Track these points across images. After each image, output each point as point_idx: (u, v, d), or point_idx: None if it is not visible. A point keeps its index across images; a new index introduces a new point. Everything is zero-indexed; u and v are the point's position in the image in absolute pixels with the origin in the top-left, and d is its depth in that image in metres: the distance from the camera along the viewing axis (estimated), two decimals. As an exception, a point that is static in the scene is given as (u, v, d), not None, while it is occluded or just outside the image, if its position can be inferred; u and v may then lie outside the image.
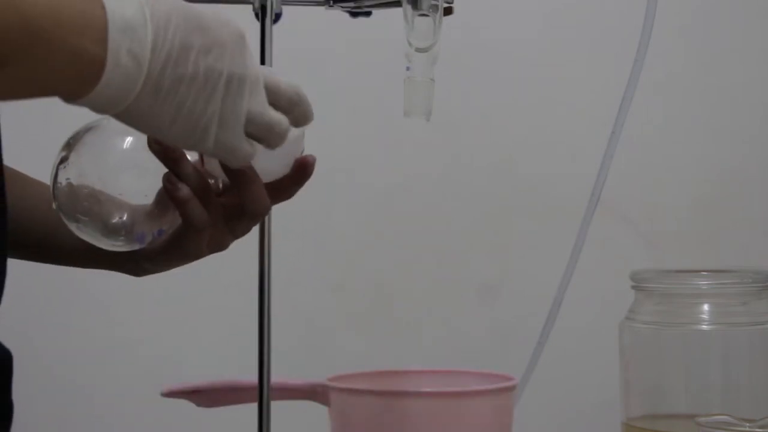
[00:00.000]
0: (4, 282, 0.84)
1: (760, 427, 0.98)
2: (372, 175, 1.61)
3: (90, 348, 1.55)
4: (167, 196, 0.80)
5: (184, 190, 0.79)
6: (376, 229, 1.61)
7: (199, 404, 1.08)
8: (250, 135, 0.72)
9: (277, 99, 0.73)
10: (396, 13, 0.94)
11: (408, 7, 0.92)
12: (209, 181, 0.81)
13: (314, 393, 1.07)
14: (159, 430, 1.53)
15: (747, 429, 0.99)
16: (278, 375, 0.97)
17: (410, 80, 0.92)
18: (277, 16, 0.95)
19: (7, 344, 0.90)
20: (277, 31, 0.95)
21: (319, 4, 1.00)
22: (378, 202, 1.61)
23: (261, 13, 0.94)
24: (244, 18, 0.95)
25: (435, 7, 0.92)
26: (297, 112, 0.75)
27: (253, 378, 0.94)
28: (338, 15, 1.01)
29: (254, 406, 0.94)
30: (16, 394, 0.90)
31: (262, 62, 0.94)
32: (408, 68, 0.93)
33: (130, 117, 0.67)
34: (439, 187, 1.62)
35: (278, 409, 0.96)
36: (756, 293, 1.17)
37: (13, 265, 0.87)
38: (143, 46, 0.65)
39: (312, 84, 1.58)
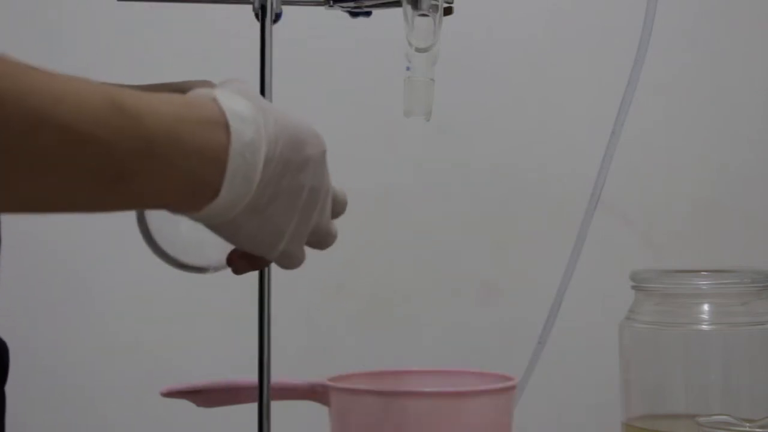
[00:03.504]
0: None
1: (760, 427, 0.98)
2: (372, 174, 1.61)
3: (90, 348, 1.55)
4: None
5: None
6: (376, 228, 1.61)
7: (199, 404, 1.08)
8: (308, 242, 0.75)
9: (333, 206, 0.76)
10: (396, 13, 0.94)
11: (408, 7, 0.92)
12: None
13: (314, 393, 1.07)
14: (159, 430, 1.53)
15: (747, 429, 0.99)
16: (278, 375, 0.97)
17: (410, 80, 0.92)
18: (277, 16, 0.95)
19: (7, 343, 0.90)
20: (277, 31, 0.95)
21: (319, 4, 1.00)
22: (378, 202, 1.61)
23: (261, 13, 0.94)
24: (244, 18, 0.96)
25: (435, 7, 0.92)
26: (340, 212, 0.79)
27: (253, 378, 0.94)
28: (338, 15, 1.01)
29: (254, 406, 0.94)
30: (17, 393, 0.90)
31: (262, 62, 0.94)
32: (408, 68, 0.93)
33: (219, 227, 0.67)
34: (439, 187, 1.62)
35: (278, 409, 0.96)
36: (756, 293, 1.17)
37: (15, 264, 0.87)
38: (256, 169, 0.64)
39: (312, 84, 1.59)
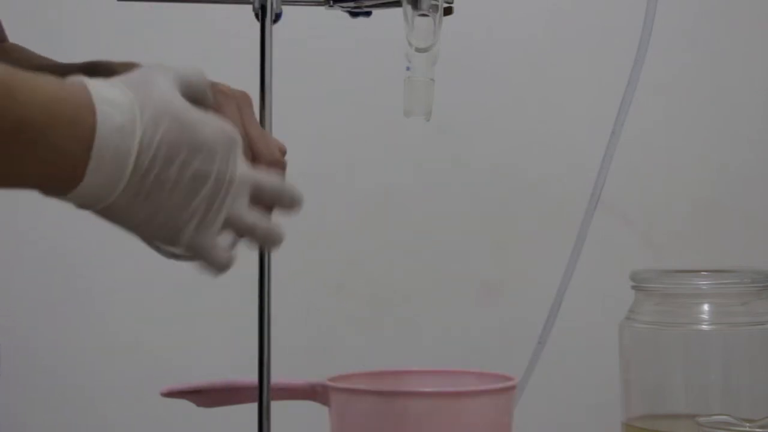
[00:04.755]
0: None
1: (760, 427, 0.98)
2: (372, 175, 1.61)
3: (90, 348, 1.55)
4: None
5: None
6: (376, 229, 1.61)
7: (199, 404, 1.08)
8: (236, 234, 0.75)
9: (260, 196, 0.75)
10: (396, 13, 0.94)
11: (408, 7, 0.92)
12: None
13: (314, 393, 1.07)
14: (159, 430, 1.53)
15: (747, 429, 0.99)
16: (278, 375, 0.97)
17: (410, 80, 0.92)
18: (277, 16, 0.95)
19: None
20: (277, 31, 0.95)
21: (319, 4, 1.00)
22: (378, 202, 1.61)
23: (261, 13, 0.94)
24: (244, 18, 0.96)
25: (435, 7, 0.92)
26: (283, 202, 0.77)
27: (253, 378, 0.94)
28: (338, 15, 1.01)
29: (254, 406, 0.94)
30: (17, 393, 0.90)
31: (262, 62, 0.93)
32: (408, 68, 0.93)
33: (107, 213, 0.69)
34: (439, 187, 1.62)
35: (278, 409, 0.96)
36: (756, 293, 1.17)
37: (15, 264, 0.87)
38: (128, 153, 0.65)
39: (312, 84, 1.59)
